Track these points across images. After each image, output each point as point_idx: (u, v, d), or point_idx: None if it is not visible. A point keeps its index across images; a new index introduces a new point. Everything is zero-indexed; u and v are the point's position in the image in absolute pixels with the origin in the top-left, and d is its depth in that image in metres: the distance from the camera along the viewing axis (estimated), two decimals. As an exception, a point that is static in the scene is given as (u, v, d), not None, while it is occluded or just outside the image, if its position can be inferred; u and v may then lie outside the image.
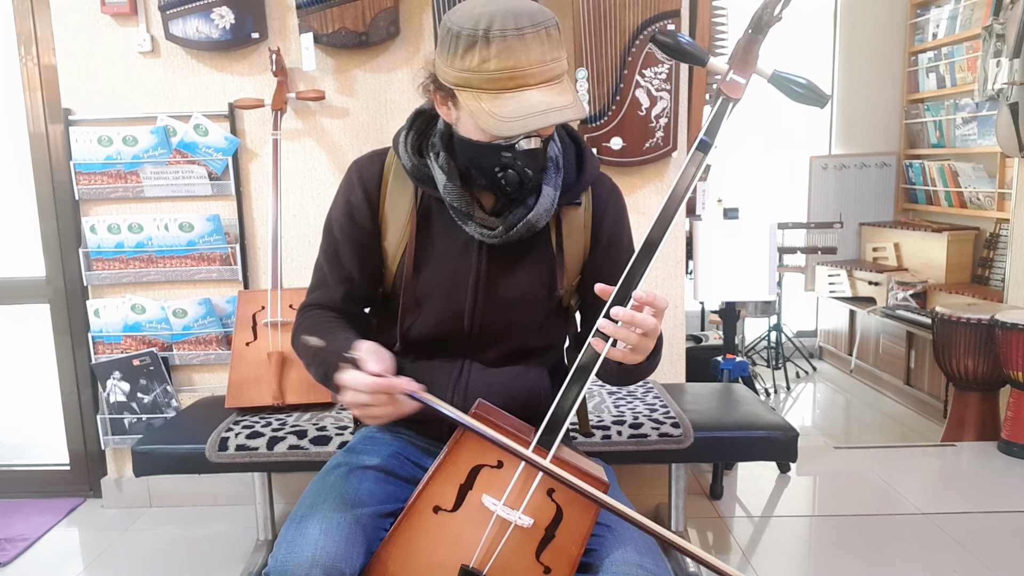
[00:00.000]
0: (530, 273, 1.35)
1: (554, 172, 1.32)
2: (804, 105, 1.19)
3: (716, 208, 3.88)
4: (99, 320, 2.55)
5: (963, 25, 4.11)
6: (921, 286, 4.11)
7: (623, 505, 1.10)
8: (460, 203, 1.29)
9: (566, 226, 1.36)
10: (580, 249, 1.38)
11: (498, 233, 1.29)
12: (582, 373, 1.13)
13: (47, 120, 2.56)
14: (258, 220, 2.55)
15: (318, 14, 2.35)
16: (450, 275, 1.34)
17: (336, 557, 1.11)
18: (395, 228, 1.36)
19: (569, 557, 1.13)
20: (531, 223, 1.29)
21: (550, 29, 1.15)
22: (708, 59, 1.18)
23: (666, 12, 2.34)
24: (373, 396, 1.12)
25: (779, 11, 1.14)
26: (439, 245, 1.35)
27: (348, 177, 1.39)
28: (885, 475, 2.81)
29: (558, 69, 1.16)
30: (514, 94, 1.13)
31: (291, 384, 2.19)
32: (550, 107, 1.13)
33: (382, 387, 1.12)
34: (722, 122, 1.15)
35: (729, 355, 2.88)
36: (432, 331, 1.37)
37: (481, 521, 1.14)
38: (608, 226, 1.39)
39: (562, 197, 1.33)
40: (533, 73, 1.13)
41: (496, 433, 1.12)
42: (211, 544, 2.44)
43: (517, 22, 1.12)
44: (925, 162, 4.45)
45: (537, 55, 1.13)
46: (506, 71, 1.12)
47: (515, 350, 1.39)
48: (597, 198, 1.39)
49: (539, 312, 1.37)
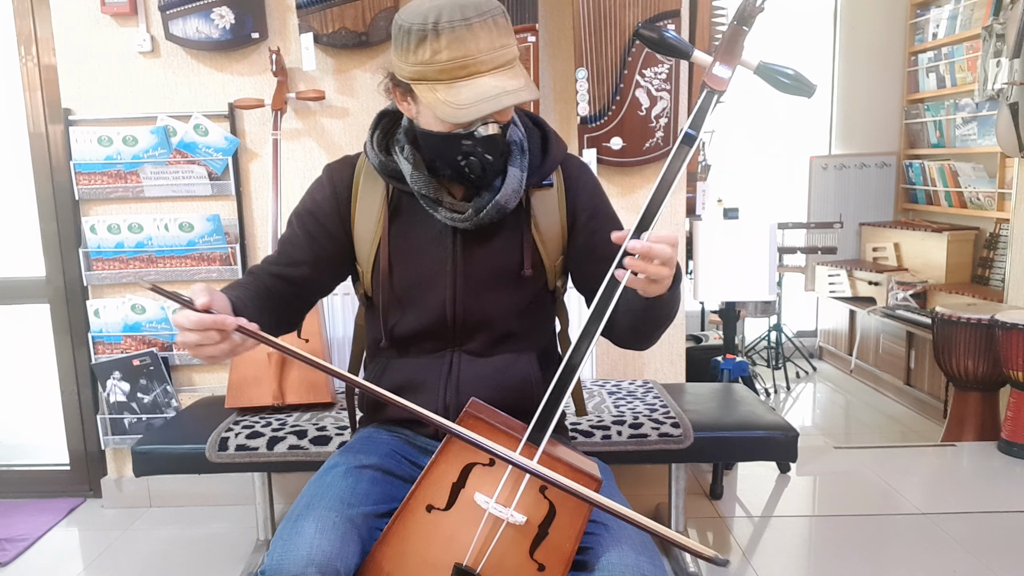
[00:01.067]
0: (504, 256, 1.38)
1: (519, 155, 1.35)
2: (792, 96, 1.19)
3: (716, 208, 3.88)
4: (99, 320, 2.55)
5: (963, 25, 4.11)
6: (921, 286, 4.11)
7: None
8: (428, 190, 1.32)
9: (538, 207, 1.39)
10: (557, 229, 1.40)
11: (468, 216, 1.32)
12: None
13: (47, 120, 2.56)
14: (258, 220, 2.55)
15: (318, 14, 2.35)
16: (427, 265, 1.37)
17: (331, 555, 1.11)
18: (367, 227, 1.39)
19: (563, 554, 1.13)
20: (500, 204, 1.32)
21: (497, 18, 1.19)
22: (692, 52, 1.20)
23: (666, 12, 2.34)
24: (203, 334, 1.11)
25: (762, 2, 1.15)
26: (413, 236, 1.38)
27: (319, 179, 1.44)
28: (885, 475, 2.81)
29: (508, 55, 1.20)
30: (467, 82, 1.17)
31: (291, 384, 2.19)
32: (503, 91, 1.18)
33: (208, 323, 1.10)
34: (707, 115, 1.16)
35: (729, 355, 2.88)
36: (417, 325, 1.39)
37: (474, 519, 1.14)
38: (585, 201, 1.42)
39: (529, 178, 1.36)
40: (484, 60, 1.17)
41: (474, 434, 1.11)
42: (211, 544, 2.44)
43: (464, 13, 1.16)
44: (925, 162, 4.45)
45: (486, 43, 1.17)
46: (457, 60, 1.16)
47: (499, 336, 1.40)
48: (568, 178, 1.42)
49: (518, 295, 1.40)
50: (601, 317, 1.13)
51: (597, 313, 1.14)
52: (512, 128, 1.34)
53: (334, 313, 2.47)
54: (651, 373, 2.62)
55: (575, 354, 1.15)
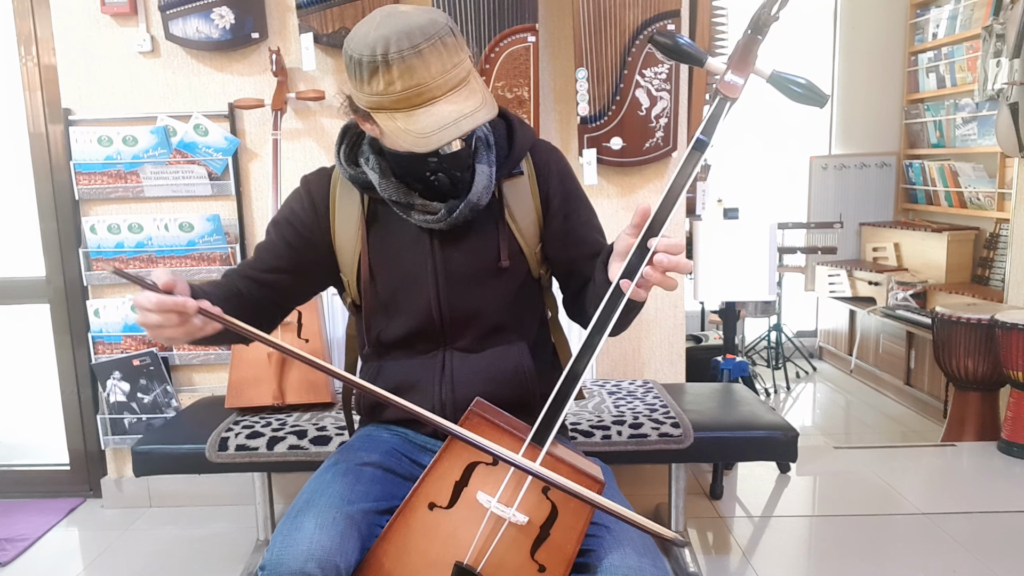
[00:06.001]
0: (483, 251, 1.38)
1: (485, 151, 1.36)
2: (803, 105, 1.19)
3: (716, 208, 3.88)
4: (99, 320, 2.55)
5: (963, 25, 4.11)
6: (921, 286, 4.11)
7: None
8: (398, 195, 1.33)
9: (511, 197, 1.39)
10: (532, 216, 1.41)
11: (441, 217, 1.33)
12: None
13: (47, 120, 2.56)
14: (258, 220, 2.55)
15: (318, 14, 2.35)
16: (409, 270, 1.38)
17: (331, 551, 1.11)
18: (347, 238, 1.40)
19: (564, 555, 1.13)
20: (472, 202, 1.32)
21: (444, 38, 1.18)
22: (706, 59, 1.19)
23: (666, 12, 2.34)
24: (163, 315, 1.11)
25: (776, 11, 1.15)
26: (391, 242, 1.38)
27: (297, 190, 1.45)
28: (885, 475, 2.81)
29: (461, 73, 1.20)
30: (424, 109, 1.18)
31: (291, 384, 2.19)
32: (461, 115, 1.18)
33: (169, 305, 1.11)
34: (719, 121, 1.16)
35: (729, 355, 2.88)
36: (405, 328, 1.39)
37: (476, 518, 1.14)
38: (556, 185, 1.42)
39: (499, 171, 1.37)
40: (438, 85, 1.17)
41: (475, 435, 1.11)
42: (211, 544, 2.44)
43: (411, 40, 1.15)
44: (925, 162, 4.45)
45: (437, 67, 1.16)
46: (411, 89, 1.16)
47: (489, 330, 1.40)
48: (538, 163, 1.42)
49: (503, 288, 1.40)
50: (604, 328, 1.12)
51: (600, 324, 1.12)
52: None
53: (334, 313, 2.47)
54: (651, 373, 2.62)
55: (577, 363, 1.13)
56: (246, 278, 1.39)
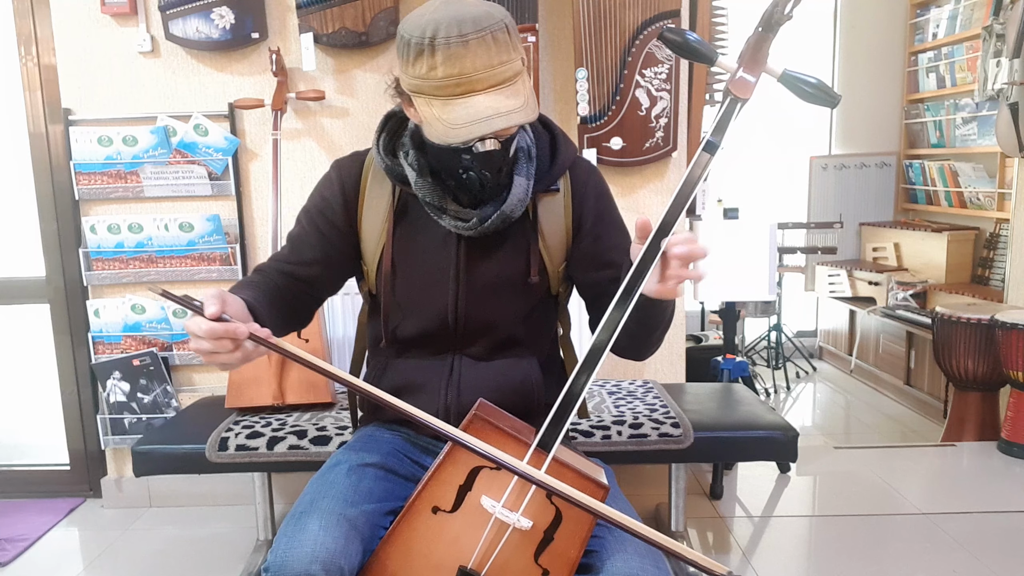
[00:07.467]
0: (509, 263, 1.36)
1: (526, 162, 1.34)
2: (814, 105, 1.17)
3: (716, 208, 3.88)
4: (99, 320, 2.55)
5: (963, 25, 4.11)
6: (921, 286, 4.11)
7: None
8: (432, 198, 1.31)
9: (544, 213, 1.38)
10: (562, 235, 1.39)
11: (473, 225, 1.31)
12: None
13: (47, 120, 2.56)
14: (258, 220, 2.55)
15: (318, 14, 2.35)
16: (430, 270, 1.36)
17: (335, 553, 1.11)
18: (373, 227, 1.38)
19: (568, 559, 1.13)
20: (505, 214, 1.31)
21: (496, 33, 1.15)
22: (717, 57, 1.17)
23: (666, 12, 2.34)
24: (215, 342, 1.08)
25: (790, 9, 1.12)
26: (419, 240, 1.37)
27: (328, 175, 1.42)
28: (885, 475, 2.81)
29: (508, 72, 1.17)
30: (462, 100, 1.15)
31: (291, 384, 2.19)
32: (496, 112, 1.15)
33: (220, 332, 1.07)
34: (730, 122, 1.13)
35: (729, 355, 2.88)
36: (418, 328, 1.38)
37: (480, 522, 1.14)
38: (592, 205, 1.40)
39: (536, 185, 1.35)
40: (480, 78, 1.14)
41: (479, 441, 1.10)
42: (211, 544, 2.44)
43: (461, 29, 1.13)
44: (925, 162, 4.45)
45: (483, 60, 1.14)
46: (452, 78, 1.14)
47: (502, 341, 1.39)
48: (576, 181, 1.40)
49: (522, 302, 1.39)
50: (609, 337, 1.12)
51: (605, 330, 1.12)
52: (520, 133, 1.32)
53: (334, 313, 2.47)
54: (651, 373, 2.62)
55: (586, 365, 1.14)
56: (284, 273, 1.37)
